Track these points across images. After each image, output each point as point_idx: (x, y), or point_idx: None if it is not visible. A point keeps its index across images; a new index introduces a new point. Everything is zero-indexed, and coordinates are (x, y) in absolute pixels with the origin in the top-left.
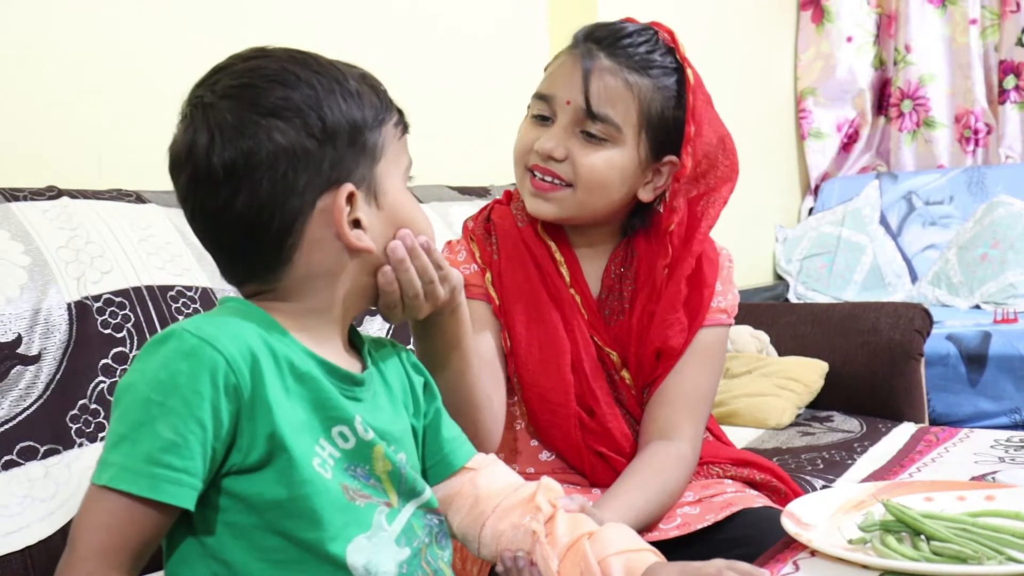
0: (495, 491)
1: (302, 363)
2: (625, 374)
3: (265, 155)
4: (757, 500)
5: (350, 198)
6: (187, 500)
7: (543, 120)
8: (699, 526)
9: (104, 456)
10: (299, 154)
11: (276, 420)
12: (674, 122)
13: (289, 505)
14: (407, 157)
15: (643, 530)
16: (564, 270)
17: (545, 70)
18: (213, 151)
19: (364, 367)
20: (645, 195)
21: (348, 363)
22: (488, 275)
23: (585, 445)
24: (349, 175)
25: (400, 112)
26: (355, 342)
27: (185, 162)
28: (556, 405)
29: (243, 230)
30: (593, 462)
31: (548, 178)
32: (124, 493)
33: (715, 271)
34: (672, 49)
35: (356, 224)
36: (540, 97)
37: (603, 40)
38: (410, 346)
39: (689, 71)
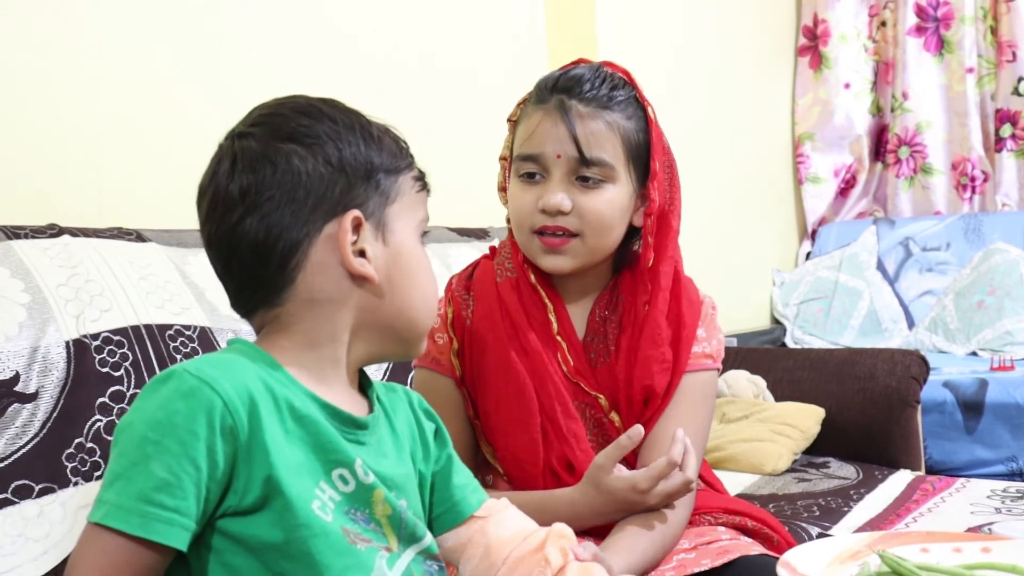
0: (505, 540)
1: (302, 405)
2: (614, 416)
3: (279, 177)
4: (753, 548)
5: (358, 227)
6: (179, 540)
7: (531, 178)
8: (695, 570)
9: (99, 494)
10: (312, 178)
11: (273, 463)
12: (646, 148)
13: (286, 547)
14: (423, 212)
15: (644, 573)
16: (552, 316)
17: (510, 120)
18: (233, 175)
19: (371, 411)
20: (638, 220)
21: (352, 406)
22: (455, 344)
23: None
24: (360, 206)
25: (421, 172)
26: (365, 387)
27: (207, 187)
28: (526, 464)
29: (251, 250)
30: None
31: (558, 233)
32: (117, 532)
33: (695, 313)
34: (625, 82)
35: (361, 254)
36: (526, 158)
37: (569, 89)
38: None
39: (649, 108)
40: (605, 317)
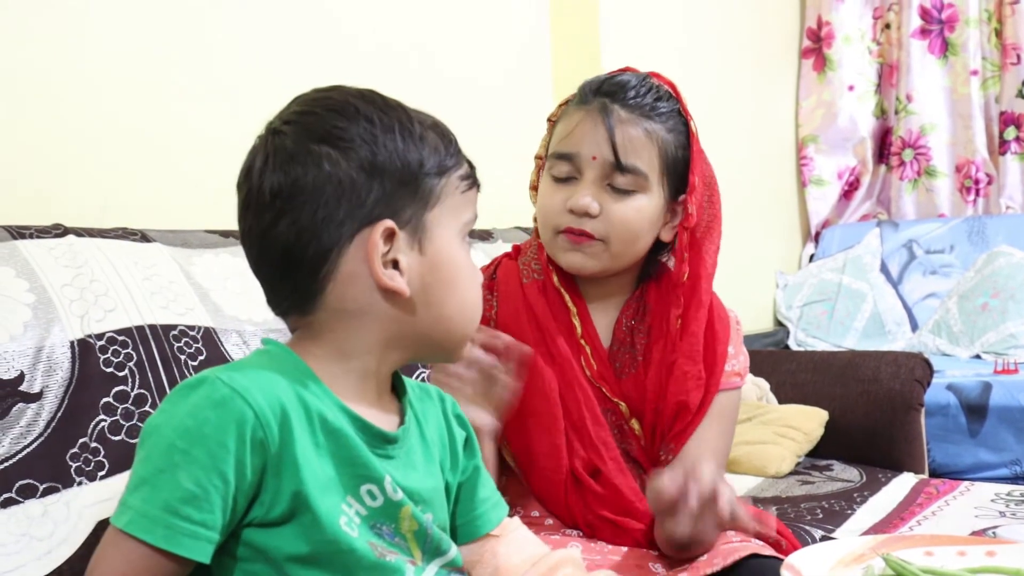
0: (513, 567)
1: (334, 418)
2: (634, 424)
3: (311, 180)
4: (763, 550)
5: (390, 236)
6: (203, 554)
7: (563, 179)
8: (708, 571)
9: (124, 497)
10: (344, 184)
11: (303, 478)
12: (684, 163)
13: (311, 561)
14: (470, 213)
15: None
16: (576, 320)
17: (549, 120)
18: (265, 174)
19: (402, 420)
20: (666, 235)
21: (383, 417)
22: None
23: (584, 507)
24: (395, 214)
25: (471, 167)
26: (398, 390)
27: (243, 182)
28: (547, 470)
29: (282, 254)
30: (590, 521)
31: (583, 235)
32: (141, 540)
33: (727, 329)
34: (671, 94)
35: (394, 265)
36: (562, 156)
37: (613, 93)
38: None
39: (692, 123)
40: (633, 327)
